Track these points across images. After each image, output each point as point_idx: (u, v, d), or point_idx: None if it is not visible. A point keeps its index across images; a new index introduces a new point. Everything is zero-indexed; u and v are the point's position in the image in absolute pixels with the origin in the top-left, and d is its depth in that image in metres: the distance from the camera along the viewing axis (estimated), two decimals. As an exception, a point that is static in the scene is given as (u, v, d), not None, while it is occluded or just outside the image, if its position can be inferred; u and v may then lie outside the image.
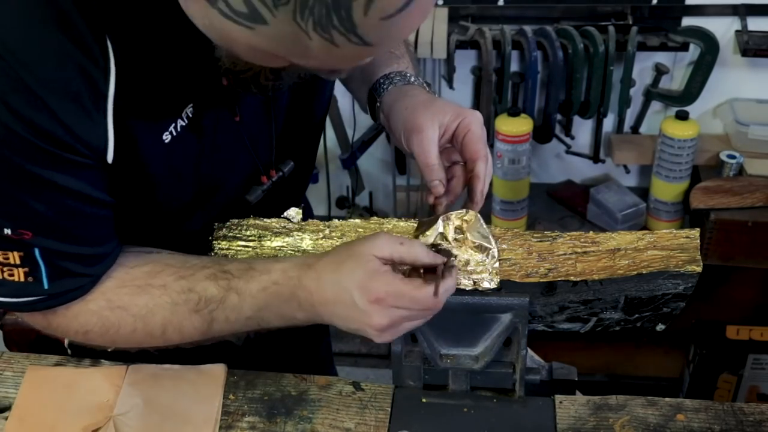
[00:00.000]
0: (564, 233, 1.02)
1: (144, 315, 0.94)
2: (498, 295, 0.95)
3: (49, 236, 0.88)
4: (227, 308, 0.93)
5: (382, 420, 0.99)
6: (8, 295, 0.91)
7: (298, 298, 0.91)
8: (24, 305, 0.92)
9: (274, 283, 0.92)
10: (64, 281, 0.91)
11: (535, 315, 0.99)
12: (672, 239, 0.99)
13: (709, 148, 2.21)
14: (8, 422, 0.99)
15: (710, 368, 2.27)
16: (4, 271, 0.89)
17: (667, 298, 0.96)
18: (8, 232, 0.86)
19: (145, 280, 0.95)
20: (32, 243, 0.87)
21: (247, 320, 0.94)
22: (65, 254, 0.90)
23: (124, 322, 0.95)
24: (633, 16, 2.19)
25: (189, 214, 1.02)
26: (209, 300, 0.93)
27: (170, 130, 0.91)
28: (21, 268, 0.89)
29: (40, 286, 0.90)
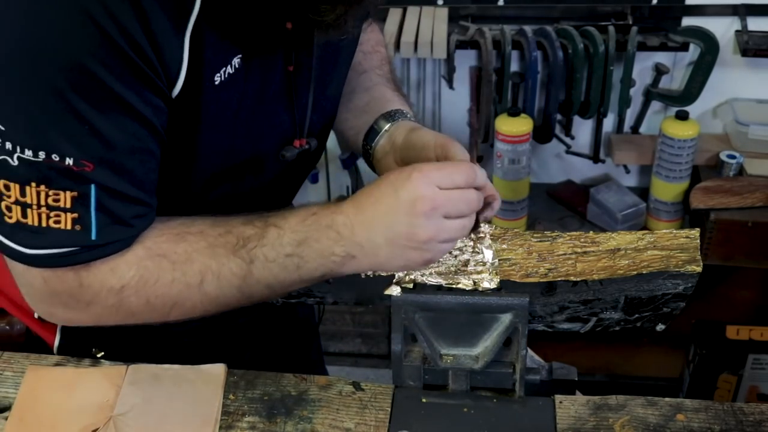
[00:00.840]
0: (564, 233, 1.02)
1: (183, 261, 0.90)
2: (498, 295, 0.95)
3: (110, 168, 0.84)
4: (267, 245, 0.91)
5: (382, 420, 0.99)
6: (49, 245, 0.85)
7: (336, 225, 0.90)
8: (63, 258, 0.86)
9: (313, 214, 0.91)
10: (112, 230, 0.87)
11: (535, 315, 0.99)
12: (672, 239, 0.99)
13: (709, 148, 2.21)
14: (8, 422, 0.99)
15: (710, 368, 2.27)
16: (51, 216, 0.84)
17: (667, 298, 0.96)
18: (70, 163, 0.82)
19: (181, 228, 0.92)
20: (91, 178, 0.83)
21: (287, 259, 0.91)
22: (120, 194, 0.86)
23: (164, 272, 0.90)
24: (633, 16, 2.19)
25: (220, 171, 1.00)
26: (248, 239, 0.91)
27: (221, 71, 0.90)
28: (70, 213, 0.84)
29: (87, 236, 0.85)
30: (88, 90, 0.80)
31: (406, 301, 0.96)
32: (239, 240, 0.91)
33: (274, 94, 0.99)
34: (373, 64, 1.23)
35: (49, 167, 0.82)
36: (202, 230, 0.92)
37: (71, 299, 0.91)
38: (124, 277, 0.90)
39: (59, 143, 0.81)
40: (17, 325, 1.19)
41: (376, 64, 1.23)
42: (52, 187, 0.83)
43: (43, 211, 0.84)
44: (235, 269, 0.91)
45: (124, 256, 0.90)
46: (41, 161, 0.81)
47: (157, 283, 0.90)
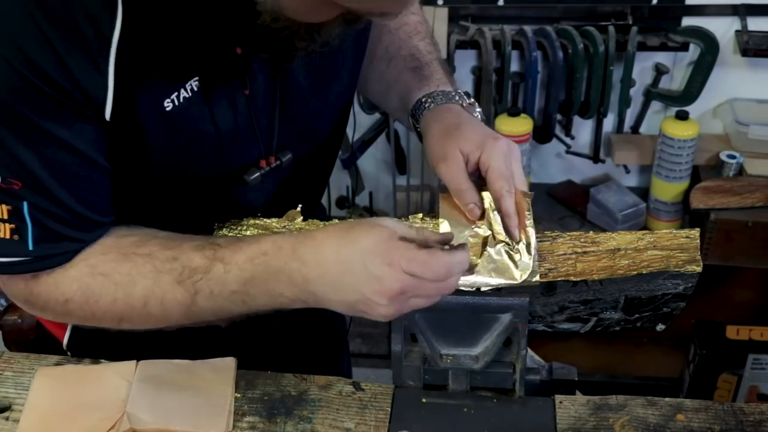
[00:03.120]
0: (564, 233, 1.02)
1: (126, 283, 0.91)
2: (498, 295, 0.95)
3: (38, 191, 0.87)
4: (212, 279, 0.89)
5: (382, 420, 0.99)
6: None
7: (288, 270, 0.87)
8: (7, 266, 0.90)
9: (263, 254, 0.88)
10: (49, 244, 0.90)
11: (535, 315, 0.99)
12: (672, 239, 0.99)
13: (709, 148, 2.21)
14: (22, 421, 0.99)
15: (710, 368, 2.27)
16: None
17: (667, 298, 0.96)
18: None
19: (130, 248, 0.92)
20: (21, 195, 0.86)
21: (232, 294, 0.90)
22: (53, 214, 0.88)
23: (106, 291, 0.92)
24: (633, 16, 2.19)
25: (185, 193, 1.00)
26: (194, 270, 0.90)
27: (172, 98, 0.90)
28: (8, 224, 0.87)
29: (24, 246, 0.88)
30: (10, 122, 0.83)
31: (406, 301, 0.96)
32: (185, 269, 0.90)
33: (234, 116, 0.98)
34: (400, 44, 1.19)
35: None
36: (151, 252, 0.92)
37: (27, 303, 0.96)
38: (66, 292, 0.93)
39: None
40: (28, 320, 1.20)
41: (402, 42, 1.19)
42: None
43: None
44: (180, 297, 0.91)
45: (67, 272, 0.92)
46: None
47: (99, 301, 0.93)
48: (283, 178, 1.08)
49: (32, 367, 1.06)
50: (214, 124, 0.95)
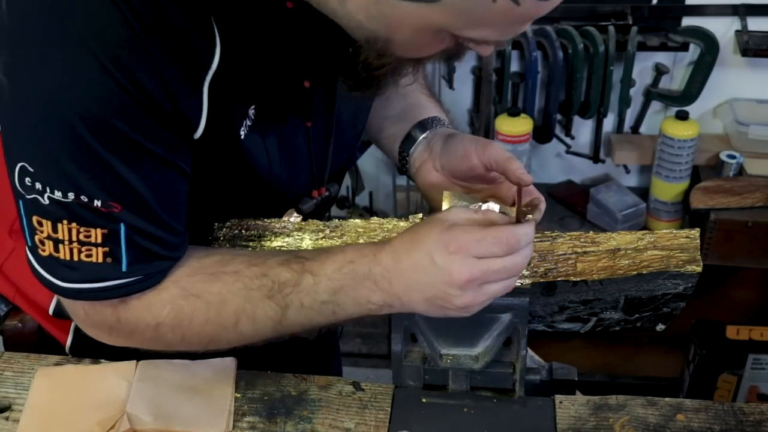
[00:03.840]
0: (564, 233, 1.02)
1: (218, 302, 0.91)
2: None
3: (138, 212, 0.86)
4: (302, 291, 0.91)
5: (382, 420, 0.99)
6: (82, 280, 0.87)
7: (374, 276, 0.89)
8: (98, 292, 0.88)
9: (350, 262, 0.90)
10: (143, 265, 0.88)
11: (535, 315, 0.99)
12: (672, 239, 0.99)
13: (709, 148, 2.21)
14: (22, 421, 0.99)
15: (710, 368, 2.27)
16: (83, 251, 0.85)
17: (667, 298, 0.96)
18: (98, 204, 0.83)
19: (216, 267, 0.92)
20: (120, 218, 0.85)
21: (323, 306, 0.91)
22: (149, 235, 0.87)
23: (198, 312, 0.91)
24: (633, 16, 2.19)
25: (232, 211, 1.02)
26: (283, 284, 0.91)
27: (244, 125, 0.92)
28: (101, 248, 0.85)
29: (118, 269, 0.87)
30: (111, 141, 0.82)
31: (406, 301, 0.96)
32: (275, 284, 0.91)
33: (294, 147, 1.01)
34: None
35: (78, 207, 0.83)
36: (238, 270, 0.92)
37: (112, 330, 0.94)
38: (159, 316, 0.91)
39: (86, 186, 0.83)
40: (29, 323, 1.19)
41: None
42: (83, 224, 0.84)
43: (75, 246, 0.85)
44: (271, 313, 0.92)
45: (159, 295, 0.91)
46: (70, 201, 0.83)
47: (191, 323, 0.92)
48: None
49: (32, 367, 1.06)
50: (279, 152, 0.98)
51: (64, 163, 0.82)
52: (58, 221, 0.84)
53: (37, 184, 0.83)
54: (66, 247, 0.85)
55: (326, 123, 1.04)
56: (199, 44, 0.83)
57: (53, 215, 0.84)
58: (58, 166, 0.82)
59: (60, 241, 0.85)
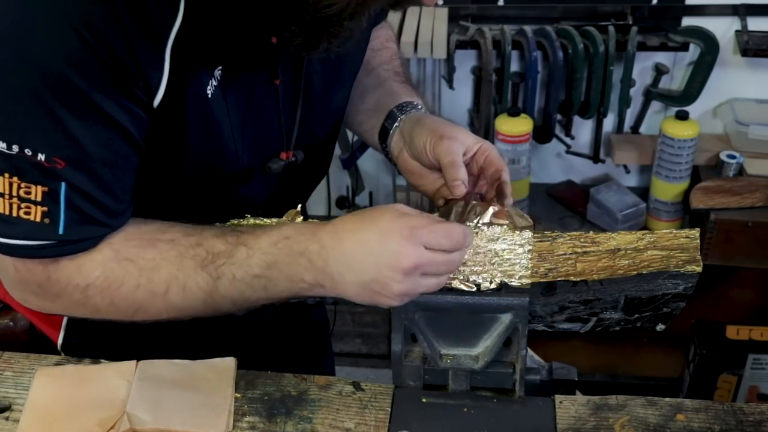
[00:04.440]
0: (564, 233, 1.02)
1: (150, 269, 0.91)
2: (498, 295, 0.95)
3: (82, 170, 0.86)
4: (235, 264, 0.91)
5: (382, 420, 0.99)
6: (17, 236, 0.87)
7: (309, 253, 0.89)
8: (31, 249, 0.88)
9: (286, 238, 0.91)
10: (79, 227, 0.88)
11: (535, 315, 0.99)
12: (672, 239, 0.99)
13: (709, 148, 2.21)
14: (22, 421, 0.99)
15: (710, 368, 2.27)
16: (22, 207, 0.85)
17: (667, 298, 0.96)
18: (41, 158, 0.83)
19: (153, 234, 0.92)
20: (62, 176, 0.85)
21: (254, 279, 0.91)
22: (89, 197, 0.87)
23: (129, 276, 0.91)
24: (633, 16, 2.19)
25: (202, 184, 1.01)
26: (217, 255, 0.91)
27: (211, 84, 0.91)
28: (40, 207, 0.86)
29: (54, 230, 0.87)
30: (65, 95, 0.82)
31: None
32: (208, 254, 0.91)
33: (260, 107, 1.00)
34: (382, 60, 1.24)
35: (21, 160, 0.84)
36: (174, 239, 0.92)
37: (40, 290, 0.93)
38: (89, 277, 0.91)
39: (32, 139, 0.83)
40: (21, 322, 1.19)
41: (385, 60, 1.24)
42: (24, 179, 0.85)
43: (15, 202, 0.85)
44: (202, 283, 0.92)
45: (91, 256, 0.91)
46: (14, 154, 0.84)
47: (121, 287, 0.92)
48: (283, 176, 1.09)
49: (32, 367, 1.06)
50: (245, 111, 0.97)
51: (13, 113, 0.83)
52: (0, 174, 0.85)
53: None
54: (6, 201, 0.85)
55: (295, 83, 1.03)
56: (163, 3, 0.83)
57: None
58: (6, 116, 0.83)
59: (1, 194, 0.85)
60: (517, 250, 1.00)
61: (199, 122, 0.93)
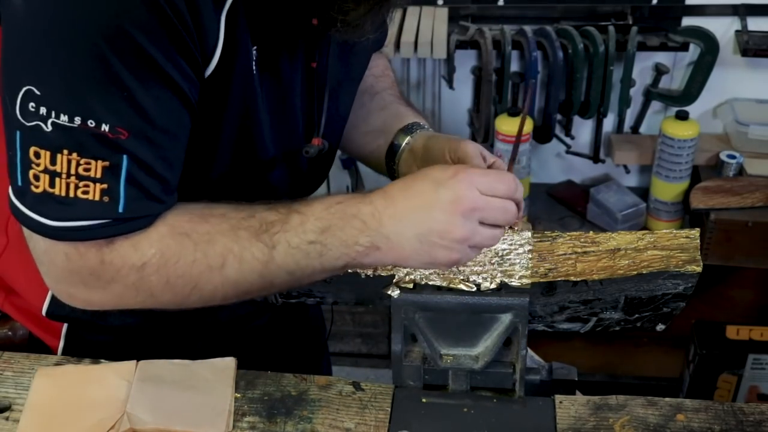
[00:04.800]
0: (564, 233, 1.02)
1: (205, 242, 0.89)
2: (498, 295, 0.95)
3: (144, 140, 0.83)
4: (290, 231, 0.90)
5: (382, 420, 0.99)
6: (73, 218, 0.84)
7: (363, 215, 0.89)
8: (88, 230, 0.84)
9: (338, 203, 0.91)
10: (139, 204, 0.86)
11: (535, 315, 0.99)
12: (672, 239, 0.99)
13: (709, 148, 2.21)
14: (22, 421, 0.99)
15: (710, 368, 2.27)
16: (80, 186, 0.83)
17: (667, 298, 0.96)
18: (105, 129, 0.81)
19: (204, 210, 0.91)
20: (125, 147, 0.82)
21: (309, 246, 0.90)
22: (150, 170, 0.85)
23: (186, 251, 0.89)
24: (633, 16, 2.19)
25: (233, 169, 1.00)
26: (271, 224, 0.90)
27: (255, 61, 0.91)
28: (99, 184, 0.83)
29: (114, 208, 0.84)
30: (129, 57, 0.80)
31: (406, 301, 0.96)
32: (262, 224, 0.90)
33: (293, 90, 1.00)
34: (385, 86, 1.25)
35: (83, 134, 0.81)
36: (225, 213, 0.91)
37: (92, 277, 0.89)
38: (145, 255, 0.88)
39: (96, 109, 0.81)
40: (20, 331, 1.19)
41: (387, 85, 1.26)
42: (84, 155, 0.82)
43: (72, 181, 0.83)
44: (258, 254, 0.90)
45: (147, 233, 0.88)
46: (76, 127, 0.81)
47: (178, 263, 0.89)
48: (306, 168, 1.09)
49: (32, 367, 1.06)
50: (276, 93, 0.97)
51: (76, 82, 0.80)
52: (58, 151, 0.82)
53: (42, 108, 0.81)
54: (63, 181, 0.82)
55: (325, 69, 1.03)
56: None
57: (54, 144, 0.82)
58: (70, 87, 0.80)
59: (57, 174, 0.82)
60: (517, 250, 1.00)
61: (239, 98, 0.92)
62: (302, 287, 1.00)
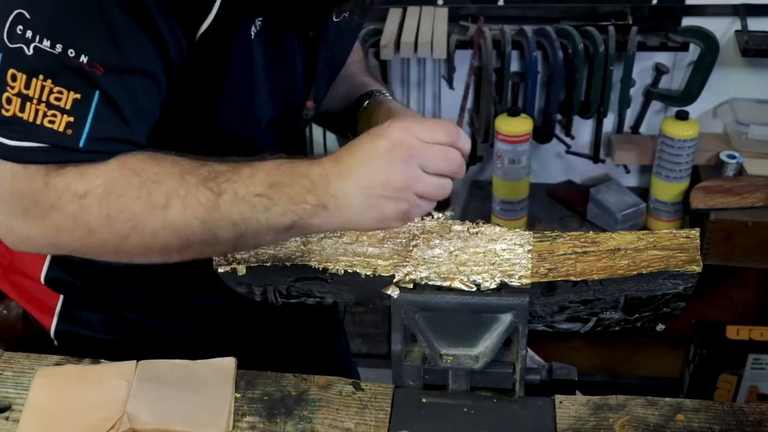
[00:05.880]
0: (564, 233, 1.02)
1: (152, 181, 0.89)
2: (498, 295, 0.95)
3: (118, 80, 0.85)
4: (238, 181, 0.90)
5: (382, 420, 0.99)
6: (31, 139, 0.85)
7: (311, 174, 0.90)
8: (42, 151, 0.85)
9: (289, 161, 0.91)
10: (99, 143, 0.87)
11: (535, 315, 0.99)
12: (672, 239, 0.99)
13: (709, 148, 2.21)
14: (22, 421, 0.99)
15: (710, 368, 2.27)
16: (47, 115, 0.84)
17: (667, 298, 0.96)
18: (84, 60, 0.83)
19: (157, 153, 0.91)
20: (98, 83, 0.84)
21: (256, 198, 0.89)
22: (118, 111, 0.87)
23: (131, 187, 0.88)
24: (633, 16, 2.19)
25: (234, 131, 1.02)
26: (220, 172, 0.90)
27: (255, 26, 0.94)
28: (66, 116, 0.84)
29: (74, 142, 0.85)
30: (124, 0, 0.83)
31: (406, 301, 0.96)
32: (211, 172, 0.90)
33: (287, 59, 1.03)
34: (353, 59, 1.28)
35: (62, 61, 0.83)
36: (178, 160, 0.91)
37: (32, 203, 0.88)
38: (90, 184, 0.88)
39: (79, 40, 0.83)
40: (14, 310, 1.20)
41: (356, 59, 1.29)
42: (58, 83, 0.84)
43: (42, 108, 0.84)
44: (203, 199, 0.89)
45: (95, 164, 0.88)
46: (56, 54, 0.83)
47: (121, 197, 0.88)
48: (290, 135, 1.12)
49: (32, 367, 1.06)
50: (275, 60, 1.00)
51: (66, 11, 0.83)
52: (34, 75, 0.83)
53: (28, 32, 0.83)
54: (33, 106, 0.84)
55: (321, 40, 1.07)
56: None
57: (32, 67, 0.83)
58: (58, 14, 0.83)
59: (29, 98, 0.84)
60: (517, 250, 1.00)
61: (239, 64, 0.94)
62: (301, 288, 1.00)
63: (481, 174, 2.47)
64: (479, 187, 2.43)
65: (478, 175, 2.47)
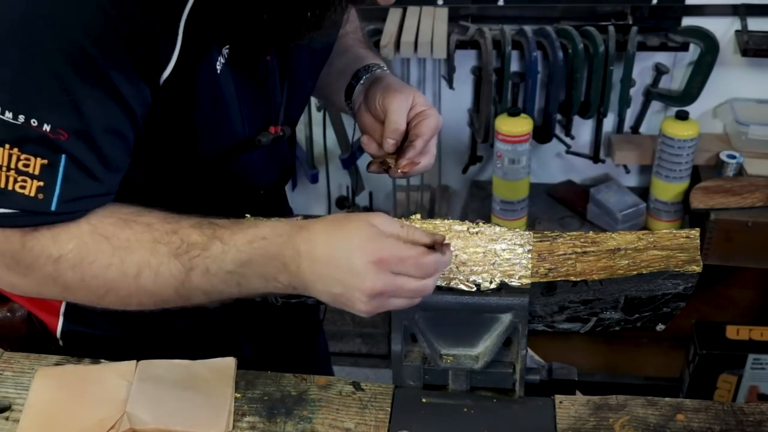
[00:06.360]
0: (564, 233, 1.02)
1: (124, 248, 0.90)
2: (498, 295, 0.95)
3: (86, 144, 0.86)
4: (209, 257, 0.90)
5: (382, 420, 0.99)
6: (6, 206, 0.87)
7: (284, 257, 0.89)
8: (15, 217, 0.87)
9: (262, 238, 0.90)
10: (70, 203, 0.89)
11: (535, 315, 0.99)
12: (672, 239, 0.99)
13: (709, 148, 2.21)
14: (22, 421, 0.99)
15: (710, 368, 2.27)
16: (18, 180, 0.86)
17: (667, 298, 0.96)
18: (47, 129, 0.84)
19: (130, 216, 0.92)
20: (64, 148, 0.86)
21: (228, 275, 0.91)
22: (87, 170, 0.88)
23: (102, 254, 0.90)
24: (633, 16, 2.19)
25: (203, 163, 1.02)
26: (192, 245, 0.90)
27: (219, 60, 0.94)
28: (36, 181, 0.86)
29: (46, 206, 0.87)
30: (81, 68, 0.84)
31: (406, 301, 0.96)
32: (183, 243, 0.91)
33: (257, 81, 1.03)
34: (348, 30, 1.28)
35: (25, 131, 0.85)
36: (150, 223, 0.92)
37: (13, 261, 0.91)
38: (63, 248, 0.90)
39: (39, 109, 0.84)
40: (18, 312, 1.19)
41: (350, 29, 1.29)
42: (25, 151, 0.85)
43: (12, 174, 0.86)
44: (174, 271, 0.91)
45: (67, 227, 0.90)
46: (19, 124, 0.84)
47: (93, 263, 0.90)
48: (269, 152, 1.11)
49: (32, 367, 1.06)
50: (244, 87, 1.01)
51: (25, 83, 0.84)
52: (1, 145, 0.85)
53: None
54: (3, 173, 0.86)
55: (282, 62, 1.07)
56: None
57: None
58: (18, 86, 0.84)
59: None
60: (517, 250, 1.00)
61: (208, 97, 0.95)
62: None
63: (481, 174, 2.47)
64: (479, 187, 2.43)
65: (478, 175, 2.47)
